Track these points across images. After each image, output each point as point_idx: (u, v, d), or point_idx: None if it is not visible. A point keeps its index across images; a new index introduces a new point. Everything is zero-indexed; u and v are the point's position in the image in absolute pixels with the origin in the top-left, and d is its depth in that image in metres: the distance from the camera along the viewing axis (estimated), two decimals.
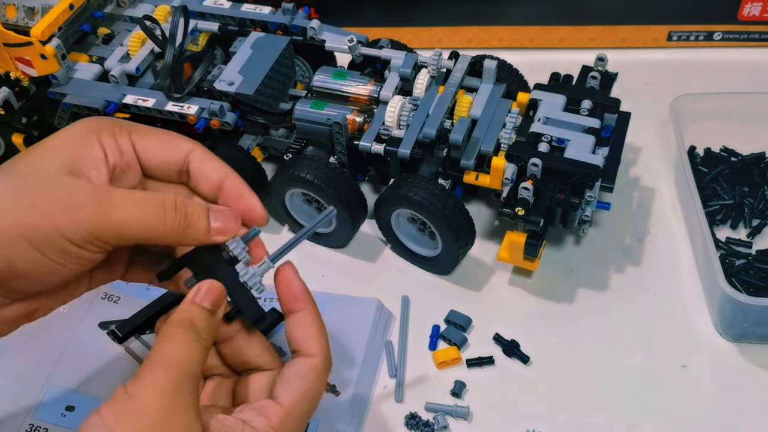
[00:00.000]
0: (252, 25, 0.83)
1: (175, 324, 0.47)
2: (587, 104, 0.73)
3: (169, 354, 0.45)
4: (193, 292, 0.48)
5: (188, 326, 0.47)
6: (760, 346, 0.69)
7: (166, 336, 0.46)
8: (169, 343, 0.46)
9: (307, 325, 0.50)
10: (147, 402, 0.43)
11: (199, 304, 0.48)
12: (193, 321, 0.47)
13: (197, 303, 0.48)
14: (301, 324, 0.50)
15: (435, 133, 0.72)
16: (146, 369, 0.44)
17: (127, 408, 0.43)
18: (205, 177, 0.52)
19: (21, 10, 0.80)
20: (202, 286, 0.48)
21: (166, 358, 0.45)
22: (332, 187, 0.72)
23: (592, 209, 0.72)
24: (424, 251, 0.75)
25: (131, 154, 0.50)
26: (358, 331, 0.68)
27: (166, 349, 0.45)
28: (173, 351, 0.45)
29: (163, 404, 0.43)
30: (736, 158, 0.83)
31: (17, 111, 0.80)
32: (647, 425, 0.65)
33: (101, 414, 0.43)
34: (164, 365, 0.45)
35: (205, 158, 0.52)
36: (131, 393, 0.43)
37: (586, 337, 0.71)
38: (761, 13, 0.94)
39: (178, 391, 0.44)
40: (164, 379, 0.44)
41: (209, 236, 0.49)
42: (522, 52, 0.97)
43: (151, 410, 0.43)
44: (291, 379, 0.49)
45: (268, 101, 0.77)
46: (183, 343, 0.46)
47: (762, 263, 0.73)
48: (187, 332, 0.46)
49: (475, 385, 0.68)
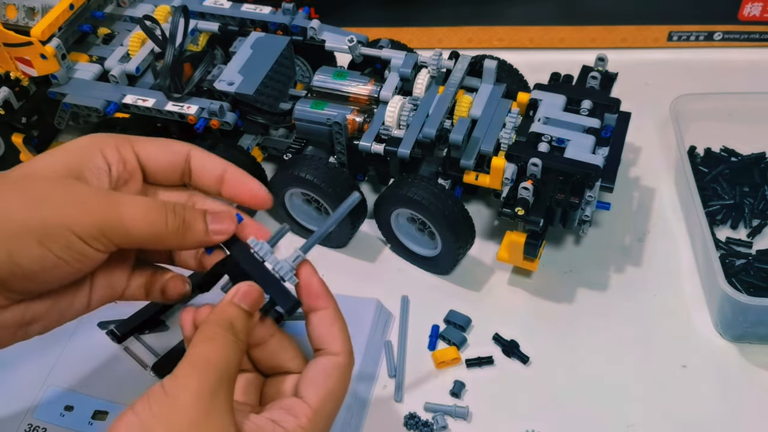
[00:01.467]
0: (252, 25, 0.83)
1: (215, 324, 0.47)
2: (587, 104, 0.73)
3: (209, 354, 0.45)
4: (231, 293, 0.49)
5: (227, 327, 0.47)
6: (760, 346, 0.69)
7: (205, 336, 0.46)
8: (209, 344, 0.46)
9: (329, 323, 0.51)
10: (185, 402, 0.43)
11: (237, 305, 0.48)
12: (232, 321, 0.47)
13: (236, 303, 0.48)
14: (324, 322, 0.51)
15: (435, 133, 0.72)
16: (185, 368, 0.45)
17: (165, 406, 0.43)
18: (206, 172, 0.54)
19: (21, 10, 0.80)
20: (241, 287, 0.49)
21: (206, 359, 0.45)
22: (332, 187, 0.72)
23: (592, 209, 0.72)
24: (424, 251, 0.75)
25: (134, 164, 0.52)
26: (357, 331, 0.68)
27: (205, 349, 0.46)
28: (213, 351, 0.46)
29: (201, 405, 0.43)
30: (736, 158, 0.83)
31: (17, 111, 0.80)
32: (647, 425, 0.65)
33: (136, 411, 0.43)
34: (203, 366, 0.45)
35: (204, 155, 0.54)
36: (169, 392, 0.43)
37: (586, 337, 0.71)
38: (761, 13, 0.94)
39: (215, 392, 0.44)
40: (203, 380, 0.44)
41: (208, 237, 0.51)
42: (522, 52, 0.97)
43: (189, 411, 0.43)
44: (317, 377, 0.49)
45: (268, 101, 0.77)
46: (222, 344, 0.46)
47: (762, 263, 0.73)
48: (226, 333, 0.47)
49: (474, 385, 0.68)
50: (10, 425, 0.62)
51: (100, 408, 0.64)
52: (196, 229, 0.50)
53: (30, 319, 0.50)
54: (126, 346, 0.68)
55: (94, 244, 0.47)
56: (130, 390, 0.64)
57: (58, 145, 0.85)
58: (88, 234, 0.46)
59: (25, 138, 0.81)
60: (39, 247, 0.45)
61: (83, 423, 0.63)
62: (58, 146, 0.50)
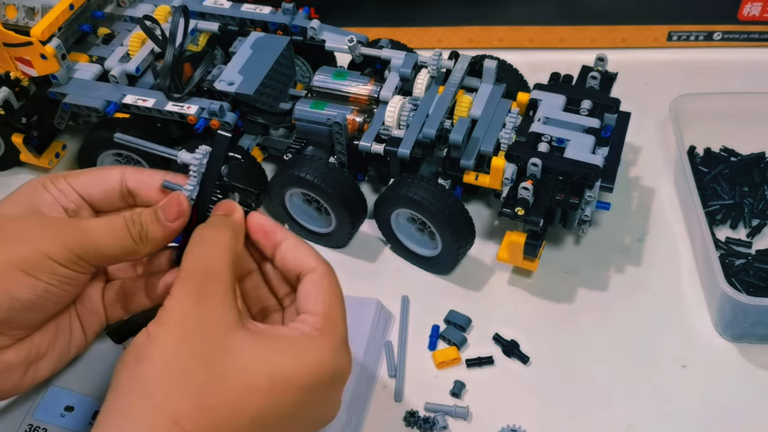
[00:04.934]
0: (252, 25, 0.83)
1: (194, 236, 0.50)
2: (587, 104, 0.73)
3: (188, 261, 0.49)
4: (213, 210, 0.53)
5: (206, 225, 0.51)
6: (760, 346, 0.69)
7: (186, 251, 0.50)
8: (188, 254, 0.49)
9: (293, 248, 0.52)
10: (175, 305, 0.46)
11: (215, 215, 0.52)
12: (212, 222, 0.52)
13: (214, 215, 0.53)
14: (288, 250, 0.52)
15: (435, 133, 0.72)
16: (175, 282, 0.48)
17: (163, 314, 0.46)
18: (144, 186, 0.56)
19: (21, 10, 0.80)
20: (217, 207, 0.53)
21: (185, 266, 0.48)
22: (332, 187, 0.72)
23: (592, 209, 0.72)
24: (424, 251, 0.75)
25: (74, 195, 0.55)
26: (357, 331, 0.68)
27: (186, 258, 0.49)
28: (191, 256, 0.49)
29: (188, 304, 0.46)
30: (736, 158, 0.83)
31: (17, 111, 0.80)
32: (647, 425, 0.65)
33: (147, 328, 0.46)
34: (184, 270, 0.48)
35: (138, 172, 0.56)
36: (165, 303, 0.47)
37: (586, 337, 0.71)
38: (761, 13, 0.94)
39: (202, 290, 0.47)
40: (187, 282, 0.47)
41: (167, 228, 0.53)
42: (522, 52, 0.97)
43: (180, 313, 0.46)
44: (308, 292, 0.51)
45: (268, 101, 0.77)
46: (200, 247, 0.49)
47: (762, 263, 0.73)
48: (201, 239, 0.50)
49: (474, 385, 0.68)
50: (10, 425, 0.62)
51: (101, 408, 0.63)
52: (155, 230, 0.52)
53: (35, 356, 0.53)
54: (126, 346, 0.68)
55: (75, 268, 0.50)
56: None
57: (58, 144, 0.85)
58: (65, 259, 0.49)
59: (25, 138, 0.81)
60: (27, 277, 0.49)
61: (83, 423, 0.63)
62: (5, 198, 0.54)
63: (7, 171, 0.87)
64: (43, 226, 0.51)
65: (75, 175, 0.56)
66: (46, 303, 0.51)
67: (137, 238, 0.52)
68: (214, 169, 0.53)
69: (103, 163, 0.80)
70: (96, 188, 0.56)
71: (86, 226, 0.51)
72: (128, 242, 0.51)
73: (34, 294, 0.49)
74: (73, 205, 0.55)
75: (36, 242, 0.49)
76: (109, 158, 0.80)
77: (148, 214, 0.53)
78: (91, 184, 0.56)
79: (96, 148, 0.79)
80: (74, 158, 0.85)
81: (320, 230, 0.77)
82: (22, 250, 0.49)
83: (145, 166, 0.79)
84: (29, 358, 0.53)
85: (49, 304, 0.51)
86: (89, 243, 0.50)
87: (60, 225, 0.51)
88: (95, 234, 0.51)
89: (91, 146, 0.79)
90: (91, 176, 0.56)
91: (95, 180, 0.56)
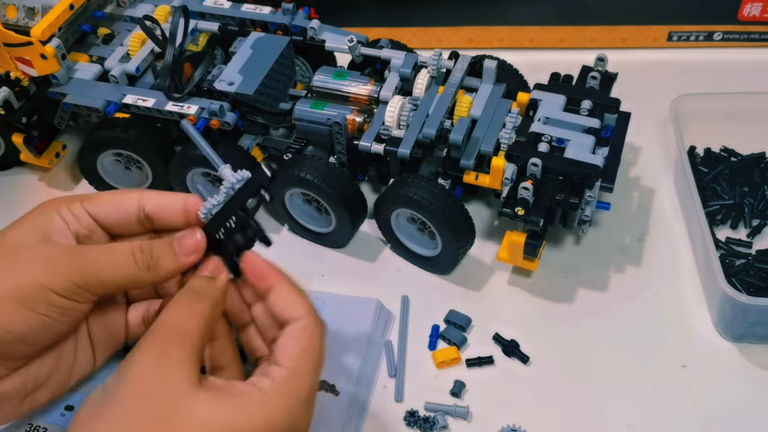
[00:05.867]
0: (252, 25, 0.83)
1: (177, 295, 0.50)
2: (587, 104, 0.73)
3: (162, 317, 0.47)
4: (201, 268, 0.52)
5: (184, 292, 0.50)
6: (760, 346, 0.69)
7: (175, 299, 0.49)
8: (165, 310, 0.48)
9: (284, 294, 0.51)
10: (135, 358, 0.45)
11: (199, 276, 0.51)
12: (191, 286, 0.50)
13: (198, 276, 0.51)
14: (279, 295, 0.51)
15: (435, 133, 0.72)
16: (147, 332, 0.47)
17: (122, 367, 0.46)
18: (165, 211, 0.54)
19: (21, 10, 0.80)
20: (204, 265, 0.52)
21: (159, 321, 0.47)
22: (332, 187, 0.72)
23: (592, 209, 0.72)
24: (424, 251, 0.75)
25: (88, 219, 0.54)
26: (357, 331, 0.68)
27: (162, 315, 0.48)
28: (166, 314, 0.48)
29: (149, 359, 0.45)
30: (736, 158, 0.83)
31: (17, 111, 0.80)
32: (647, 425, 0.65)
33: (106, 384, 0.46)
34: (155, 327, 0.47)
35: (158, 196, 0.55)
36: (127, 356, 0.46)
37: (586, 337, 0.71)
38: (761, 13, 0.94)
39: (166, 348, 0.45)
40: (154, 338, 0.46)
41: (180, 263, 0.52)
42: (522, 52, 0.97)
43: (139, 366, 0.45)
44: (285, 343, 0.50)
45: (268, 101, 0.77)
46: (179, 306, 0.48)
47: (762, 263, 0.73)
48: (181, 298, 0.49)
49: (474, 384, 0.68)
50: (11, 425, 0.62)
51: None
52: (166, 261, 0.51)
53: (32, 386, 0.52)
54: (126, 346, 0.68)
55: (74, 297, 0.49)
56: None
57: (58, 144, 0.85)
58: (64, 289, 0.48)
59: (25, 138, 0.81)
60: (21, 309, 0.48)
61: None
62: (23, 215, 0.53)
63: (7, 171, 0.87)
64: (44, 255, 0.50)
65: (91, 199, 0.55)
66: (41, 336, 0.50)
67: (143, 267, 0.51)
68: (243, 197, 0.52)
69: (103, 163, 0.80)
70: (113, 213, 0.54)
71: (88, 254, 0.50)
72: (132, 271, 0.50)
73: (28, 326, 0.48)
74: (86, 231, 0.53)
75: (34, 273, 0.48)
76: (109, 158, 0.80)
77: (161, 245, 0.52)
78: (107, 209, 0.54)
79: (96, 148, 0.79)
80: (74, 158, 0.85)
81: (320, 230, 0.77)
82: (20, 281, 0.48)
83: (145, 166, 0.79)
84: (26, 389, 0.51)
85: (45, 337, 0.50)
86: (90, 271, 0.49)
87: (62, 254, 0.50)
88: (97, 262, 0.50)
89: (91, 146, 0.79)
90: (108, 200, 0.55)
91: (112, 205, 0.55)
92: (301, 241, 0.79)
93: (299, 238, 0.79)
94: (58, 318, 0.49)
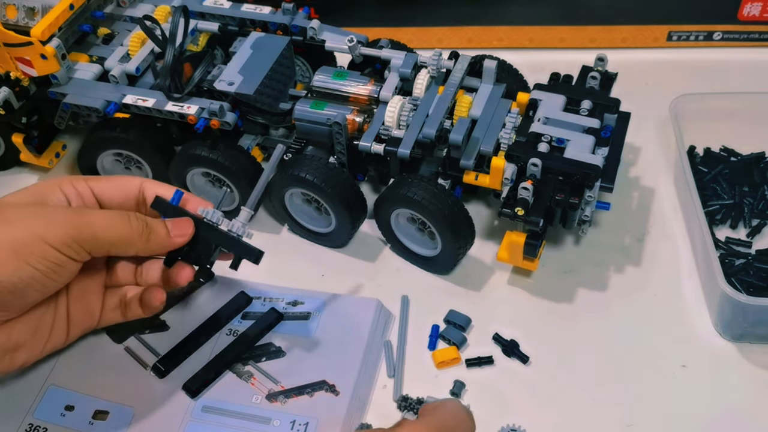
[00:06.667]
0: (252, 25, 0.83)
1: None
2: (587, 104, 0.73)
3: None
4: None
5: None
6: (759, 346, 0.69)
7: None
8: None
9: None
10: None
11: None
12: None
13: None
14: None
15: (435, 133, 0.72)
16: None
17: None
18: None
19: (21, 10, 0.80)
20: None
21: None
22: (332, 187, 0.72)
23: (592, 209, 0.72)
24: (424, 251, 0.75)
25: (90, 197, 0.58)
26: (357, 331, 0.68)
27: None
28: None
29: None
30: (736, 158, 0.83)
31: (17, 111, 0.80)
32: (647, 425, 0.65)
33: None
34: None
35: (156, 184, 0.60)
36: None
37: (586, 337, 0.71)
38: (761, 13, 0.94)
39: None
40: None
41: (171, 239, 0.57)
42: (522, 52, 0.97)
43: None
44: None
45: (268, 101, 0.77)
46: None
47: (762, 263, 0.73)
48: None
49: (474, 384, 0.68)
50: (10, 425, 0.62)
51: (101, 408, 0.64)
52: (159, 233, 0.56)
53: (14, 344, 0.55)
54: (126, 346, 0.68)
55: (67, 252, 0.52)
56: (131, 390, 0.64)
57: (58, 144, 0.85)
58: (60, 242, 0.51)
59: (25, 138, 0.81)
60: (16, 259, 0.50)
61: (84, 423, 0.63)
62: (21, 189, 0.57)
63: (7, 171, 0.87)
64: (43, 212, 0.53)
65: (96, 181, 0.59)
66: (29, 289, 0.52)
67: (137, 231, 0.54)
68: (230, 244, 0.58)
69: (103, 163, 0.80)
70: (116, 192, 0.59)
71: (86, 212, 0.53)
72: (126, 232, 0.54)
73: (18, 278, 0.50)
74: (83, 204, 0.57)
75: (32, 225, 0.51)
76: (109, 158, 0.80)
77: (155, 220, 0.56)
78: (112, 191, 0.59)
79: (96, 148, 0.79)
80: (74, 158, 0.85)
81: (320, 230, 0.77)
82: (18, 233, 0.50)
83: (145, 166, 0.79)
84: (7, 346, 0.55)
85: (32, 291, 0.52)
86: (87, 227, 0.52)
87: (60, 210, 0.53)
88: (94, 220, 0.53)
89: (91, 146, 0.79)
90: (113, 183, 0.59)
91: (117, 184, 0.59)
92: (301, 241, 0.79)
93: (299, 238, 0.79)
94: (49, 273, 0.52)
